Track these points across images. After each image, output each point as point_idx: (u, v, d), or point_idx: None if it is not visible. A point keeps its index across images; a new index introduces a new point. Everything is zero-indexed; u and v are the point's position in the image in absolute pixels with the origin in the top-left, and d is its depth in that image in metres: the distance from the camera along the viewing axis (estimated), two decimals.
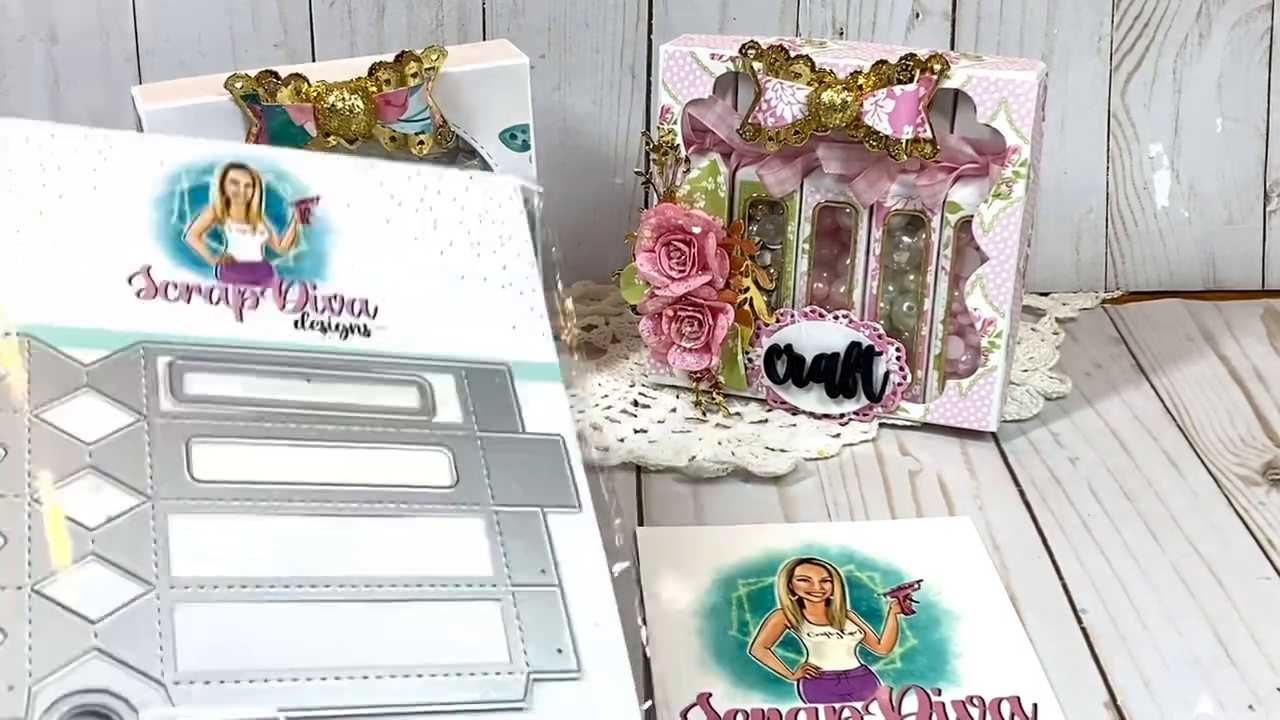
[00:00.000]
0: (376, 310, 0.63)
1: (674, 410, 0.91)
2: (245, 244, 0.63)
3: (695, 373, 0.90)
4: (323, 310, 0.62)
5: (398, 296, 0.64)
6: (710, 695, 0.66)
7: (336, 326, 0.62)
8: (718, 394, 0.91)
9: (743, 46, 0.84)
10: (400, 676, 0.54)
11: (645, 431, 0.89)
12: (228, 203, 0.64)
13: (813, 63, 0.82)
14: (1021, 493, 0.83)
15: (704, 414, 0.91)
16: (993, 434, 0.88)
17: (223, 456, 0.57)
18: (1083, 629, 0.71)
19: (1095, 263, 1.08)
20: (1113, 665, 0.69)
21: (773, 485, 0.84)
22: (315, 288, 0.63)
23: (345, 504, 0.58)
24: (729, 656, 0.69)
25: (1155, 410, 0.92)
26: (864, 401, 0.88)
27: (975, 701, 0.66)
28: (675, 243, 0.86)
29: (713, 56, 0.85)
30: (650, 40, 1.02)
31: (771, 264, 0.89)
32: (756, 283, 0.88)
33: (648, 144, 0.88)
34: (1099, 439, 0.89)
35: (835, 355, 0.88)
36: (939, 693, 0.66)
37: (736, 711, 0.65)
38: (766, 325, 0.89)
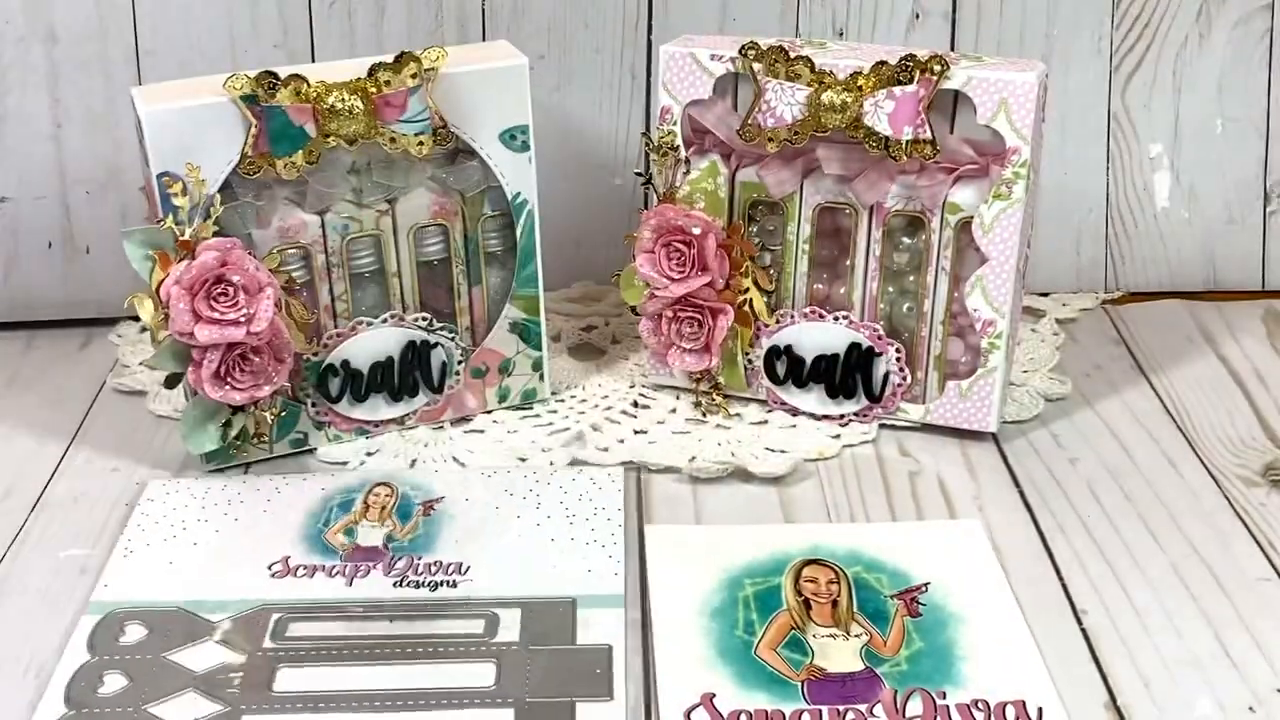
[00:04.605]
0: (468, 569, 0.76)
1: (674, 411, 0.91)
2: (371, 535, 0.79)
3: (695, 374, 0.90)
4: (421, 573, 0.76)
5: (489, 558, 0.77)
6: (714, 695, 0.66)
7: (429, 583, 0.75)
8: (718, 395, 0.91)
9: (742, 47, 0.84)
10: None
11: (645, 433, 0.89)
12: (367, 508, 0.81)
13: (813, 63, 0.82)
14: (1021, 494, 0.83)
15: (704, 415, 0.90)
16: (993, 435, 0.88)
17: (303, 676, 0.69)
18: (1083, 630, 0.71)
19: (1095, 264, 1.08)
20: (1113, 666, 0.69)
21: (773, 486, 0.84)
22: (419, 558, 0.77)
23: (400, 702, 0.67)
24: (734, 656, 0.69)
25: (1155, 411, 0.92)
26: (864, 402, 0.88)
27: (980, 705, 0.66)
28: (675, 244, 0.86)
29: (712, 57, 0.85)
30: (650, 41, 1.02)
31: (771, 265, 0.89)
32: (756, 283, 0.88)
33: (647, 145, 0.88)
34: (1099, 440, 0.89)
35: (835, 356, 0.88)
36: (944, 695, 0.66)
37: (740, 712, 0.65)
38: (766, 326, 0.89)
